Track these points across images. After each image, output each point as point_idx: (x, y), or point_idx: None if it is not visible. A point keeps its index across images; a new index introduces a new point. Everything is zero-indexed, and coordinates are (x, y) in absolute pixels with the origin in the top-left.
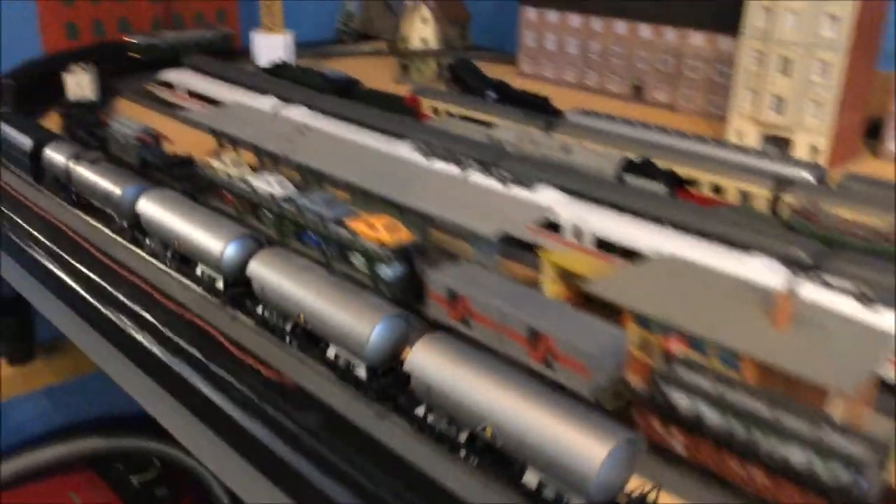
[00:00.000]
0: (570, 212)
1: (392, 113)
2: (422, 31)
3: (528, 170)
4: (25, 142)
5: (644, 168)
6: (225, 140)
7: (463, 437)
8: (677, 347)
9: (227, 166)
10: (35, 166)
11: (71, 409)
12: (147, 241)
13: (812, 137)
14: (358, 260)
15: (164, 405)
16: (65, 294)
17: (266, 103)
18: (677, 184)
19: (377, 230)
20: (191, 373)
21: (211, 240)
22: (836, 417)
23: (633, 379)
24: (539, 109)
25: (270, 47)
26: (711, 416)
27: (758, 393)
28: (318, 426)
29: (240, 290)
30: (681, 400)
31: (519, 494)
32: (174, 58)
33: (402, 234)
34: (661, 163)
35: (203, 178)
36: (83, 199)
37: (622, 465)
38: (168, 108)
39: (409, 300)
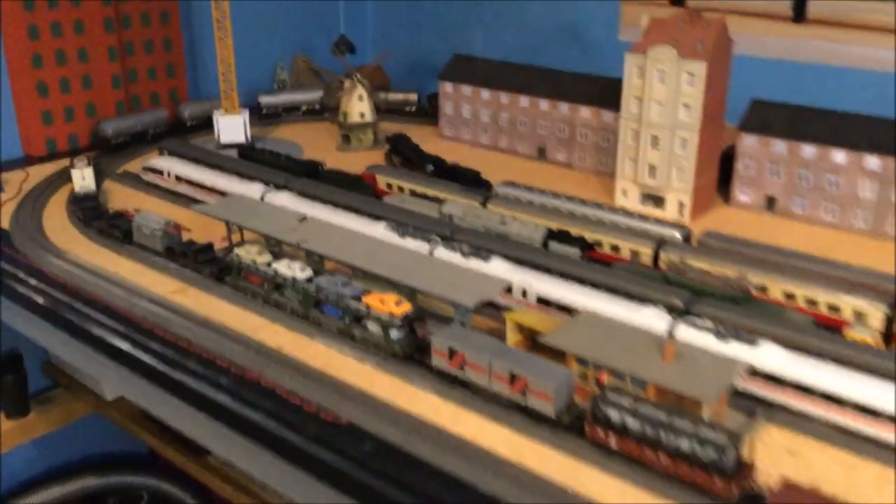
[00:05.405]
0: (516, 277)
1: (359, 192)
2: (360, 106)
3: (477, 240)
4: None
5: (562, 236)
6: (234, 227)
7: None
8: (606, 378)
9: (251, 255)
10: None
11: (65, 453)
12: None
13: (679, 195)
14: (373, 327)
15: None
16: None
17: (256, 190)
18: (587, 247)
19: (388, 304)
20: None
21: None
22: (706, 417)
23: (580, 401)
24: (473, 182)
25: (231, 126)
26: (632, 422)
27: (659, 405)
28: None
29: None
30: (612, 413)
31: None
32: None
33: (406, 307)
34: (574, 229)
35: (225, 262)
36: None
37: None
38: (158, 191)
39: (413, 354)
